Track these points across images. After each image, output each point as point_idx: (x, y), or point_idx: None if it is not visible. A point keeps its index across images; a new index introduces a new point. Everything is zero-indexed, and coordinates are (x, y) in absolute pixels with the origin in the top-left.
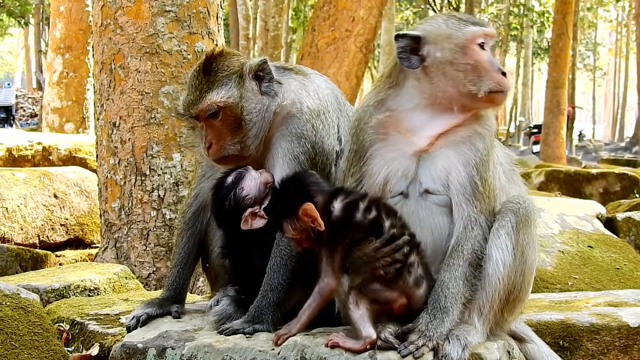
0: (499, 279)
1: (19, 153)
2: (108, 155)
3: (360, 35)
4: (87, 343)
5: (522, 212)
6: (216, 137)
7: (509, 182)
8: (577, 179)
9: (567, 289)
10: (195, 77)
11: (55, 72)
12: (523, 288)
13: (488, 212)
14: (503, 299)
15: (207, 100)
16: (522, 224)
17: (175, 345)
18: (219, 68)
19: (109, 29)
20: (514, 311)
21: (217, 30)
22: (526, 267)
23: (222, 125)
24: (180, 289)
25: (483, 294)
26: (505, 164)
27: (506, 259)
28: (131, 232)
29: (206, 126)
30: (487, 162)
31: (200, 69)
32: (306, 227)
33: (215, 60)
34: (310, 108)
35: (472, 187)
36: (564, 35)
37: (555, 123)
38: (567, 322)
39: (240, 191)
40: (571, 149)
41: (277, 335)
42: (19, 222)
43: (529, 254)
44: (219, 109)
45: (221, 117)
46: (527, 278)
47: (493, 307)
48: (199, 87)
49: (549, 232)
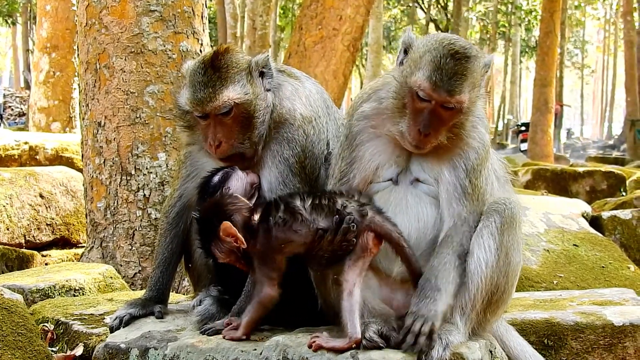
0: (481, 278)
1: (6, 153)
2: (93, 155)
3: (348, 33)
4: (72, 343)
5: (507, 213)
6: (226, 135)
7: (501, 189)
8: (563, 177)
9: (552, 288)
10: (202, 74)
11: (42, 72)
12: (506, 290)
13: (477, 214)
14: (486, 299)
15: (223, 97)
16: (507, 225)
17: (157, 346)
18: (228, 65)
19: (93, 29)
20: (497, 312)
21: (202, 29)
22: (510, 269)
23: (233, 123)
24: (163, 289)
25: (465, 293)
26: (500, 170)
27: (489, 259)
28: (117, 232)
29: (215, 124)
30: (478, 171)
31: (207, 65)
32: (231, 247)
33: (222, 56)
34: (303, 115)
35: (463, 189)
36: (551, 33)
37: (543, 121)
38: (551, 320)
39: (226, 191)
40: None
41: (223, 334)
42: (4, 222)
43: (513, 255)
44: (234, 106)
45: (233, 115)
46: (511, 280)
47: (475, 307)
48: (210, 83)
49: (534, 231)
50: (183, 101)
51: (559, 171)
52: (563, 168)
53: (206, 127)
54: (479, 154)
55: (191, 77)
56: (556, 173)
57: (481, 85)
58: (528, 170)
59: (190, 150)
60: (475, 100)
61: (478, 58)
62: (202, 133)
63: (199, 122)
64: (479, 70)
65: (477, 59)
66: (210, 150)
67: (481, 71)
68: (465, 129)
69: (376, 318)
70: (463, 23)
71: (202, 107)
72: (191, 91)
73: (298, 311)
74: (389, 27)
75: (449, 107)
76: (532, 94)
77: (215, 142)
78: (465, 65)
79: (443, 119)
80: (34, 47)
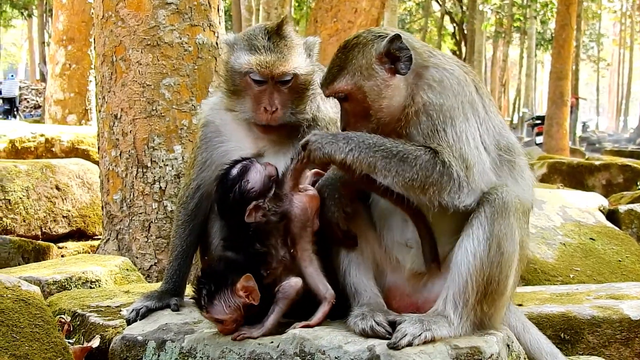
0: (470, 269)
1: (22, 145)
2: (109, 148)
3: (363, 26)
4: (88, 335)
5: (498, 202)
6: (281, 104)
7: (499, 171)
8: (579, 171)
9: (568, 282)
10: (267, 39)
11: (58, 64)
12: (501, 281)
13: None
14: (481, 291)
15: (292, 64)
16: (498, 214)
17: (174, 338)
18: (292, 36)
19: (110, 22)
20: (495, 304)
21: (218, 22)
22: (503, 259)
23: (289, 93)
24: (179, 282)
25: (454, 284)
26: (491, 146)
27: (477, 249)
28: (133, 224)
29: (273, 90)
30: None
31: (272, 32)
32: (238, 304)
33: (286, 26)
34: (330, 117)
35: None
36: (567, 26)
37: (558, 114)
38: (568, 314)
39: (245, 184)
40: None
41: (237, 333)
42: (21, 214)
43: (507, 245)
44: (295, 77)
45: (291, 85)
46: (505, 270)
47: (469, 299)
48: (277, 49)
49: (550, 224)
50: (242, 62)
51: (575, 164)
52: (579, 161)
53: (260, 93)
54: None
55: (252, 40)
56: (572, 166)
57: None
58: (544, 164)
59: (207, 132)
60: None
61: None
62: (254, 99)
63: (253, 88)
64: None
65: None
66: (261, 116)
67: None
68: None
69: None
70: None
71: (269, 69)
72: (256, 54)
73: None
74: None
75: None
76: (548, 87)
77: (273, 107)
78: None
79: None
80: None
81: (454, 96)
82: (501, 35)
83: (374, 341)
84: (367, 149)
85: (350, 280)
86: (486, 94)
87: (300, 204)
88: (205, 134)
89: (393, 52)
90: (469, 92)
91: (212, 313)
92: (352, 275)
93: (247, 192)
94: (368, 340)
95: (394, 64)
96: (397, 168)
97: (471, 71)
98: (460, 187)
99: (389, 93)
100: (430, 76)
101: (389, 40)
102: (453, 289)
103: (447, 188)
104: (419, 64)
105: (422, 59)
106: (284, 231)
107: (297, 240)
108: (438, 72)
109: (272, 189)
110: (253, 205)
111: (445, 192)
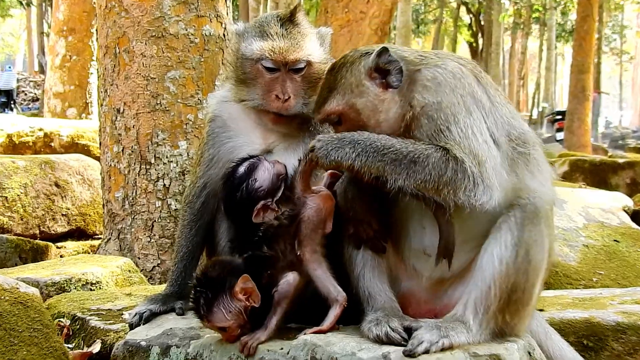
0: (494, 274)
1: (20, 139)
2: (112, 143)
3: (376, 17)
4: (89, 339)
5: (530, 207)
6: (294, 92)
7: (509, 169)
8: (602, 169)
9: (591, 285)
10: (279, 26)
11: (57, 56)
12: (527, 289)
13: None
14: (504, 299)
15: (306, 51)
16: (529, 220)
17: (180, 344)
18: (306, 24)
19: (113, 12)
20: (519, 314)
21: (225, 12)
22: (531, 267)
23: (302, 81)
24: (185, 284)
25: (476, 289)
26: (502, 138)
27: (504, 255)
28: (135, 223)
29: (285, 78)
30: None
31: (285, 19)
32: (239, 308)
33: (299, 14)
34: None
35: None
36: (589, 18)
37: (580, 109)
38: (591, 320)
39: (253, 182)
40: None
41: (241, 344)
42: (19, 212)
43: (535, 253)
44: (308, 65)
45: (304, 73)
46: (532, 279)
47: (490, 306)
48: (290, 36)
49: (572, 225)
50: (255, 48)
51: (597, 162)
52: (602, 159)
53: (273, 81)
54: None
55: (263, 27)
56: (594, 164)
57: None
58: (565, 161)
59: (214, 127)
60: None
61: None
62: (266, 87)
63: (264, 76)
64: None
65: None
66: (273, 105)
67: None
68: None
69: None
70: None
71: (282, 56)
72: (269, 40)
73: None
74: (418, 9)
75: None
76: (569, 81)
77: (285, 95)
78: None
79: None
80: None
81: (451, 91)
82: (520, 26)
83: (388, 348)
84: (374, 152)
85: (364, 284)
86: (490, 84)
87: (314, 206)
88: (212, 129)
89: (382, 66)
90: (468, 84)
91: (214, 321)
92: (366, 278)
93: (254, 192)
94: (382, 347)
95: (385, 78)
96: (408, 170)
97: (469, 62)
98: (475, 184)
99: (384, 107)
100: (422, 77)
101: (376, 55)
102: (475, 294)
103: (462, 186)
104: (411, 71)
105: (412, 65)
106: (294, 234)
107: (306, 243)
108: (430, 71)
109: (280, 187)
110: (261, 205)
111: (460, 190)
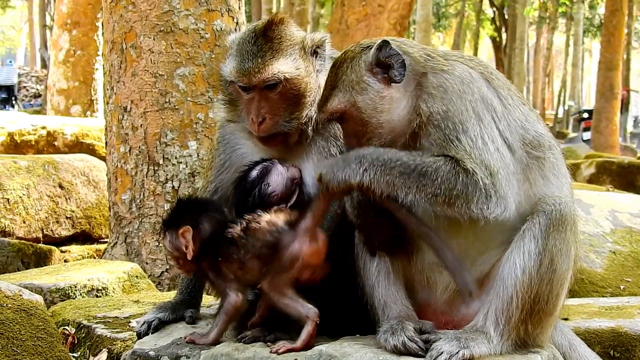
0: (516, 284)
1: (22, 138)
2: (118, 143)
3: (395, 10)
4: (94, 348)
5: (555, 214)
6: (270, 112)
7: (528, 170)
8: (631, 171)
9: (618, 294)
10: (252, 43)
11: (61, 50)
12: (550, 300)
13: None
14: (526, 309)
15: (272, 69)
16: (554, 227)
17: (190, 354)
18: (282, 36)
19: (120, 5)
20: (542, 325)
21: (237, 7)
22: (555, 277)
23: (280, 99)
24: (195, 292)
25: (497, 299)
26: (516, 142)
27: (528, 265)
28: (143, 227)
29: (260, 98)
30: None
31: (259, 34)
32: (178, 247)
33: (276, 26)
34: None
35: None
36: (618, 12)
37: (607, 108)
38: (618, 330)
39: (265, 187)
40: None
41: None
42: (21, 215)
43: (560, 262)
44: (283, 81)
45: (281, 90)
46: (556, 289)
47: (512, 317)
48: (260, 53)
49: (599, 231)
50: (227, 70)
51: (625, 164)
52: (630, 160)
53: (249, 102)
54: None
55: (239, 45)
56: (623, 166)
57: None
58: (592, 163)
59: (224, 133)
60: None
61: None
62: (245, 108)
63: (242, 96)
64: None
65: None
66: (252, 127)
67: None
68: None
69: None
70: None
71: (248, 77)
72: (238, 60)
73: (342, 319)
74: (439, 3)
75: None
76: (596, 78)
77: (259, 118)
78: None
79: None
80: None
81: (458, 98)
82: (545, 20)
83: (406, 359)
84: (382, 166)
85: (379, 293)
86: (503, 85)
87: (296, 249)
88: (222, 136)
89: (383, 60)
90: (477, 89)
91: (164, 241)
92: (381, 286)
93: (267, 196)
94: (401, 359)
95: (387, 72)
96: (418, 183)
97: (480, 64)
98: (487, 196)
99: (385, 106)
100: (428, 84)
101: (376, 48)
102: (495, 305)
103: (474, 199)
104: (417, 71)
105: (418, 64)
106: (265, 262)
107: (280, 277)
108: (436, 77)
109: (295, 192)
110: (275, 210)
111: (472, 203)
